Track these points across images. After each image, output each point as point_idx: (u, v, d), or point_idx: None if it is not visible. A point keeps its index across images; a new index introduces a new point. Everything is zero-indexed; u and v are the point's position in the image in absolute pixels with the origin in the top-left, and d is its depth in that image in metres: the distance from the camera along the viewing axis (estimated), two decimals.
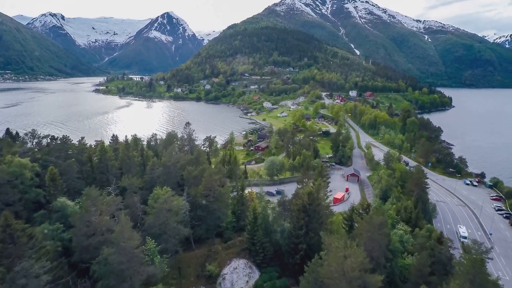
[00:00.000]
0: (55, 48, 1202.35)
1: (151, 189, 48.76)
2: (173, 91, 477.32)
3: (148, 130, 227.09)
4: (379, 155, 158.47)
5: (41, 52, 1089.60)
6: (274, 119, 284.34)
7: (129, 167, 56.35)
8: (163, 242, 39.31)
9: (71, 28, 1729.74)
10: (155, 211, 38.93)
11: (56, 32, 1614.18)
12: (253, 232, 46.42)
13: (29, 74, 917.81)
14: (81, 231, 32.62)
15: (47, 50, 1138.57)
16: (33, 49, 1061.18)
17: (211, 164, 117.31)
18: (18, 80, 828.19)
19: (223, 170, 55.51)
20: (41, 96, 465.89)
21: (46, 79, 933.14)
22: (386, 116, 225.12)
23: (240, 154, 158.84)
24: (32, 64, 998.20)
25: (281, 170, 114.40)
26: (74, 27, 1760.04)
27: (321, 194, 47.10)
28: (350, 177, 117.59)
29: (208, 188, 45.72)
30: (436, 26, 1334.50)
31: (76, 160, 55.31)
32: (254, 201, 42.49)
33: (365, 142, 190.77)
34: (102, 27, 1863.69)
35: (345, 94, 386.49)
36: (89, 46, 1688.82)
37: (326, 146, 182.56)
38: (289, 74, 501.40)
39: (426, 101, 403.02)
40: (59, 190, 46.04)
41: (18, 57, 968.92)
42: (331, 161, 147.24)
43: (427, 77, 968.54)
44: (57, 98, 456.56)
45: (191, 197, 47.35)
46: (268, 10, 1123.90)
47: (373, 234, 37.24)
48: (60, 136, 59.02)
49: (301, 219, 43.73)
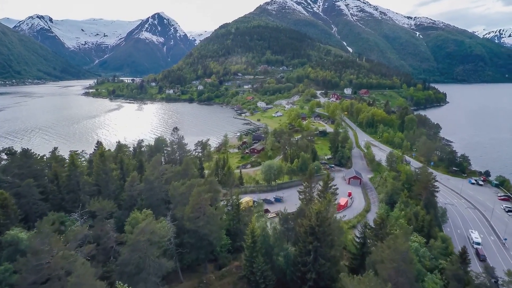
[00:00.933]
0: (43, 51, 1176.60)
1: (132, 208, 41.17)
2: (165, 93, 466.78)
3: (138, 135, 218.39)
4: (380, 155, 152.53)
5: (28, 55, 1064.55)
6: (269, 119, 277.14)
7: (106, 183, 48.31)
8: (141, 282, 31.53)
9: (59, 31, 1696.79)
10: (130, 243, 31.40)
11: (44, 35, 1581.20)
12: (252, 259, 39.16)
13: (16, 78, 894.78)
14: (27, 279, 24.77)
15: (35, 53, 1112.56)
16: (20, 53, 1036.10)
17: (204, 170, 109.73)
18: (5, 85, 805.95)
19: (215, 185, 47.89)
20: (28, 101, 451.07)
21: (34, 83, 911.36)
22: (383, 114, 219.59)
23: (235, 158, 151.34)
24: (20, 68, 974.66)
25: (279, 175, 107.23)
26: (63, 29, 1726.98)
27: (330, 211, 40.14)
28: (352, 180, 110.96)
29: (197, 210, 38.17)
30: (427, 23, 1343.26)
31: (41, 178, 47.06)
32: (253, 222, 35.23)
33: (363, 141, 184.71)
34: (91, 28, 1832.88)
35: (340, 92, 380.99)
36: (78, 48, 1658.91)
37: (324, 147, 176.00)
38: (282, 73, 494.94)
39: (421, 97, 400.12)
40: (12, 218, 37.75)
41: (5, 61, 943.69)
42: (330, 162, 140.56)
43: (420, 73, 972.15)
44: (44, 102, 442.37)
45: (177, 219, 39.74)
46: (259, 9, 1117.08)
47: (399, 265, 30.38)
48: (21, 150, 50.30)
49: (308, 243, 36.63)
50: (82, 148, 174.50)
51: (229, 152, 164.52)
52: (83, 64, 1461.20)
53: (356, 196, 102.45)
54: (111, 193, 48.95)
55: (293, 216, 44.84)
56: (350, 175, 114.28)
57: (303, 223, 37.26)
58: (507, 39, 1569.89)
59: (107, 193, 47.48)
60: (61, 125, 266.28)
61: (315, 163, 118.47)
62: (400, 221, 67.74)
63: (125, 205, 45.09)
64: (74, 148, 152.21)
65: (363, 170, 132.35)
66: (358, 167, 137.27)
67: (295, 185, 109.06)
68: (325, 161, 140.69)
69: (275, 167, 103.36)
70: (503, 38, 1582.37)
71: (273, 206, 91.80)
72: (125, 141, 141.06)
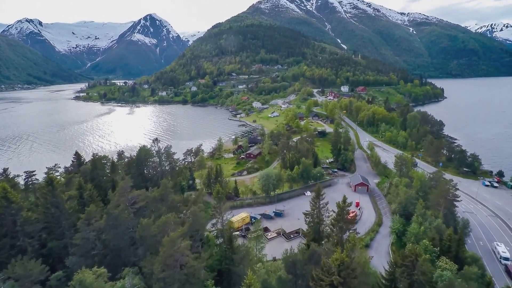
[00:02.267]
0: (33, 55, 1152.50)
1: (87, 256, 30.47)
2: (158, 95, 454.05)
3: (125, 142, 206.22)
4: (384, 156, 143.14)
5: (18, 60, 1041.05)
6: (265, 120, 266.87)
7: (58, 220, 37.08)
8: None
9: (49, 34, 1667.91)
10: None
11: (34, 39, 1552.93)
12: None
13: (5, 84, 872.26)
14: None
15: (24, 57, 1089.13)
16: (9, 57, 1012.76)
17: (195, 181, 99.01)
18: None
19: (198, 218, 36.71)
20: (15, 107, 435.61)
21: (24, 88, 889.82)
22: (384, 111, 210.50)
23: (230, 164, 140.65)
24: (9, 73, 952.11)
25: (278, 185, 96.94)
26: (53, 32, 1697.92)
27: (355, 258, 29.82)
28: (358, 187, 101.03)
29: (170, 265, 27.46)
30: (420, 18, 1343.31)
31: None
32: (249, 276, 25.09)
33: (365, 142, 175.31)
34: (82, 31, 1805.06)
35: (337, 89, 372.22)
36: (69, 52, 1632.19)
37: (325, 149, 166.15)
38: (277, 71, 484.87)
39: (419, 93, 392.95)
40: None
41: None
42: (332, 167, 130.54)
43: (414, 69, 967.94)
44: (32, 108, 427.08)
45: (146, 277, 28.80)
46: (252, 8, 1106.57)
47: None
48: None
49: None
50: (63, 159, 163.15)
51: (223, 158, 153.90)
52: (75, 67, 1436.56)
53: (364, 205, 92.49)
54: (64, 232, 37.30)
55: (303, 260, 34.36)
56: (356, 181, 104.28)
57: (320, 277, 27.08)
58: (498, 33, 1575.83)
59: (59, 233, 36.33)
60: (48, 131, 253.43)
61: (317, 169, 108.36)
62: (424, 243, 57.77)
63: (78, 253, 33.88)
64: (52, 160, 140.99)
65: (369, 175, 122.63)
66: (363, 170, 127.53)
67: (297, 194, 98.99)
68: (327, 165, 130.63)
69: (274, 176, 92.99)
70: (495, 32, 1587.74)
71: (273, 223, 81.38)
72: (106, 151, 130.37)
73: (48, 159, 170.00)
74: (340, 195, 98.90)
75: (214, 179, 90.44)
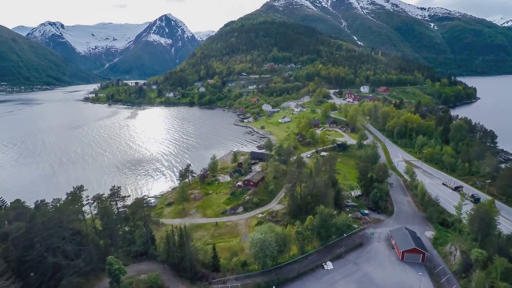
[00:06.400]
0: (53, 57, 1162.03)
1: None
2: (165, 96, 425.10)
3: (105, 160, 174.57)
4: (428, 184, 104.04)
5: (38, 61, 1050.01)
6: (275, 127, 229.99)
7: None
8: None
9: (70, 36, 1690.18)
10: None
11: (56, 41, 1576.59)
12: None
13: (25, 85, 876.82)
14: None
15: (45, 59, 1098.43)
16: (30, 59, 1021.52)
17: (154, 243, 64.00)
18: (12, 92, 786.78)
19: None
20: (22, 109, 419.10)
21: (42, 88, 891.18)
22: (419, 119, 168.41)
23: (222, 194, 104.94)
24: (29, 74, 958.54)
25: (282, 253, 60.54)
26: (74, 34, 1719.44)
27: None
28: (408, 254, 62.74)
29: None
30: (441, 13, 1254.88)
31: None
32: None
33: (399, 160, 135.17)
34: (101, 33, 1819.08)
35: (356, 90, 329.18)
36: (89, 53, 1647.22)
37: (346, 168, 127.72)
38: (290, 70, 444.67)
39: (449, 93, 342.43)
40: None
41: (14, 67, 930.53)
42: (360, 204, 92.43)
43: (436, 67, 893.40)
44: (37, 110, 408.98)
45: None
46: (266, 6, 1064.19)
47: None
48: None
49: None
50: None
51: (217, 182, 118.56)
52: (94, 68, 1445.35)
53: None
54: None
55: None
56: (402, 240, 65.86)
57: None
58: None
59: None
60: (34, 138, 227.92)
61: (341, 218, 70.92)
62: None
63: None
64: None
65: (414, 218, 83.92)
66: (404, 211, 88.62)
67: (310, 268, 61.62)
68: (352, 202, 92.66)
69: (274, 244, 56.48)
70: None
71: None
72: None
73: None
74: (378, 269, 61.62)
75: (177, 247, 55.14)
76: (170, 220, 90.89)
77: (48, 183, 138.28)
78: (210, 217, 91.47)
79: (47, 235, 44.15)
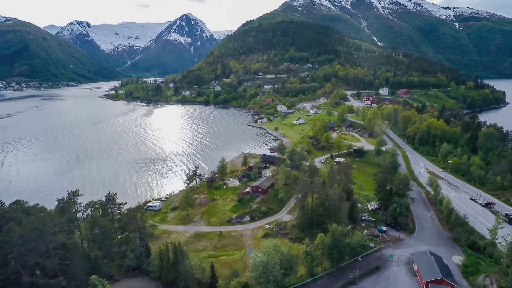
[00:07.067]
0: (79, 55, 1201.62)
1: None
2: (181, 94, 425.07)
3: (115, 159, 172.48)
4: (454, 198, 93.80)
5: (65, 59, 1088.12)
6: (289, 128, 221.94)
7: None
8: None
9: (96, 35, 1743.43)
10: None
11: (82, 39, 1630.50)
12: None
13: (52, 81, 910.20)
14: None
15: (71, 56, 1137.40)
16: (58, 57, 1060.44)
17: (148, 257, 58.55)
18: (41, 87, 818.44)
19: None
20: (47, 104, 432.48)
21: (68, 85, 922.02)
22: (443, 125, 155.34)
23: (229, 201, 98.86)
24: (56, 71, 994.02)
25: (289, 275, 53.54)
26: (99, 33, 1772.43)
27: None
28: (434, 285, 53.90)
29: None
30: (468, 13, 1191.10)
31: None
32: None
33: (420, 169, 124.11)
34: (124, 32, 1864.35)
35: (374, 92, 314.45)
36: (112, 51, 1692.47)
37: (361, 176, 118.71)
38: (307, 71, 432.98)
39: (476, 97, 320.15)
40: None
41: (43, 64, 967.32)
42: (377, 219, 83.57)
43: (460, 69, 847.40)
44: (61, 105, 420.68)
45: None
46: (285, 5, 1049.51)
47: None
48: None
49: None
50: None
51: (225, 186, 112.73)
52: (116, 66, 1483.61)
53: None
54: None
55: None
56: (426, 268, 57.06)
57: None
58: None
59: None
60: (53, 133, 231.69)
61: (356, 237, 62.92)
62: None
63: None
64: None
65: (438, 239, 74.44)
66: (427, 229, 79.12)
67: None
68: (368, 216, 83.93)
69: (278, 267, 49.56)
70: None
71: None
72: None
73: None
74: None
75: (171, 266, 49.40)
76: (172, 226, 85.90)
77: (62, 179, 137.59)
78: (214, 225, 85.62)
79: (25, 251, 39.68)
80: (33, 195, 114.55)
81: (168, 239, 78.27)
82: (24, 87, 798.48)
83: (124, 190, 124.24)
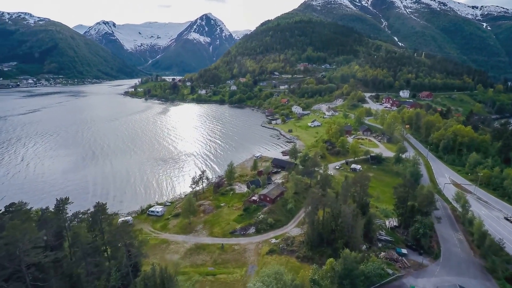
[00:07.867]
0: (104, 53, 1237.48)
1: None
2: (197, 93, 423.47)
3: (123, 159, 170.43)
4: (485, 217, 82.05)
5: (91, 57, 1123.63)
6: (303, 131, 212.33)
7: None
8: None
9: (120, 34, 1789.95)
10: None
11: (108, 39, 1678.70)
12: None
13: (78, 78, 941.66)
14: None
15: (96, 55, 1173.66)
16: (84, 55, 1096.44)
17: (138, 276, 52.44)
18: (67, 84, 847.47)
19: None
20: (70, 100, 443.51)
21: (92, 82, 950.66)
22: (471, 132, 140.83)
23: (235, 210, 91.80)
24: (82, 68, 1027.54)
25: None
26: (123, 33, 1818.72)
27: None
28: None
29: None
30: (497, 12, 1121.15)
31: None
32: None
33: (446, 182, 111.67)
34: (147, 31, 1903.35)
35: (394, 94, 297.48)
36: (135, 50, 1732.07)
37: (379, 186, 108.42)
38: (324, 71, 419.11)
39: (506, 101, 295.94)
40: None
41: (70, 62, 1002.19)
42: (396, 239, 73.72)
43: (487, 71, 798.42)
44: (83, 102, 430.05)
45: None
46: (304, 5, 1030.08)
47: None
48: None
49: None
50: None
51: (232, 192, 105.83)
52: (138, 64, 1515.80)
53: None
54: None
55: None
56: None
57: None
58: None
59: None
60: (72, 129, 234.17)
61: (372, 262, 54.03)
62: None
63: None
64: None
65: (468, 267, 63.87)
66: (454, 254, 68.59)
67: None
68: (386, 235, 74.21)
69: None
70: None
71: None
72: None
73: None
74: None
75: None
76: (172, 235, 79.94)
77: (76, 176, 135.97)
78: (217, 236, 78.88)
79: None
80: (43, 195, 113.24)
81: (166, 251, 72.65)
82: (52, 83, 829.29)
83: (134, 190, 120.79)
